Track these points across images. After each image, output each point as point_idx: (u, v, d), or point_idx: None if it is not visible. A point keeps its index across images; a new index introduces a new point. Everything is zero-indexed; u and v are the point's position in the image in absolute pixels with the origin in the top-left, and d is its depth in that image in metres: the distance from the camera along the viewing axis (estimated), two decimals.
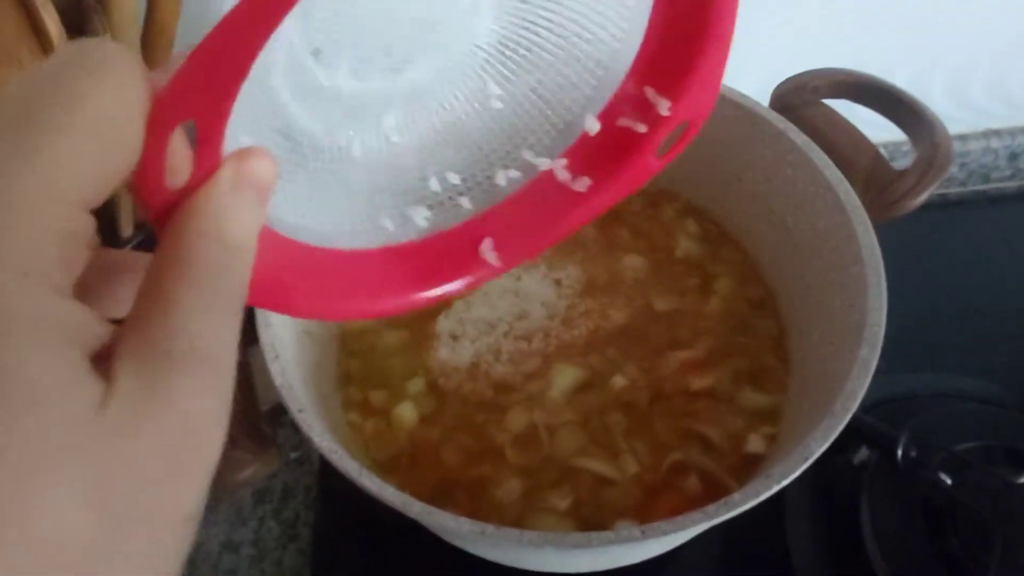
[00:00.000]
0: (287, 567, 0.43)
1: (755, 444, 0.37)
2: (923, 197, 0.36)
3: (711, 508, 0.26)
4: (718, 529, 0.41)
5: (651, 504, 0.36)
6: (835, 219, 0.36)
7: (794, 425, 0.35)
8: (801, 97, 0.41)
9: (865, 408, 0.44)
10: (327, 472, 0.45)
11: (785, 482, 0.27)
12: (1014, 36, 0.53)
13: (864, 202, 0.36)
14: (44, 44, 0.30)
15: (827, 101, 0.42)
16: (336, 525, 0.43)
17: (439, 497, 0.36)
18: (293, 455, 0.47)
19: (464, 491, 0.37)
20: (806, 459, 0.27)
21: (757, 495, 0.26)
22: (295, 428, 0.31)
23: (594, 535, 0.26)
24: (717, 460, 0.37)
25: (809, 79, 0.42)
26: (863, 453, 0.43)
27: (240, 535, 0.44)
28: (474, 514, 0.35)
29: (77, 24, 0.30)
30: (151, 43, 0.35)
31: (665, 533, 0.25)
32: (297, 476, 0.46)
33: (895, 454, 0.40)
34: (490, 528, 0.26)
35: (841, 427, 0.28)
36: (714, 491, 0.36)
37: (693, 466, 0.37)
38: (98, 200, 0.13)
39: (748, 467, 0.37)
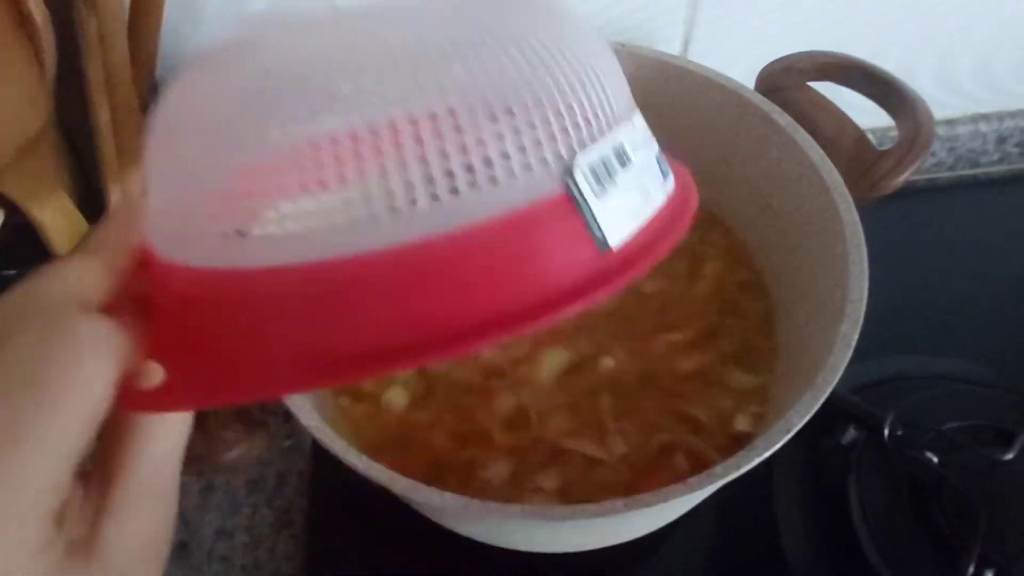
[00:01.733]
0: (280, 553, 0.44)
1: (743, 423, 0.37)
2: (905, 176, 0.36)
3: (693, 480, 0.26)
4: (711, 510, 0.42)
5: (639, 483, 0.36)
6: (819, 200, 0.36)
7: (781, 403, 0.36)
8: (786, 79, 0.41)
9: (854, 389, 0.45)
10: (320, 459, 0.45)
11: (766, 454, 0.27)
12: (1000, 20, 0.53)
13: (847, 182, 0.36)
14: (30, 30, 0.30)
15: (813, 84, 0.42)
16: (329, 512, 0.44)
17: (429, 480, 0.36)
18: (287, 443, 0.47)
19: (454, 474, 0.37)
20: (787, 432, 0.27)
21: (739, 467, 0.27)
22: (287, 416, 0.31)
23: (577, 508, 0.26)
24: (705, 439, 0.37)
25: (794, 61, 0.42)
26: (851, 434, 0.43)
27: (234, 522, 0.45)
28: (463, 495, 0.36)
29: (62, 10, 0.31)
30: (137, 27, 0.35)
31: (648, 505, 0.26)
32: (290, 463, 0.46)
33: (882, 434, 0.40)
34: (474, 503, 0.26)
35: (822, 400, 0.28)
36: (702, 469, 0.36)
37: (681, 446, 0.37)
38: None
39: (736, 446, 0.37)
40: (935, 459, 0.40)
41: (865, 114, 0.42)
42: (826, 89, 0.43)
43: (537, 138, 0.17)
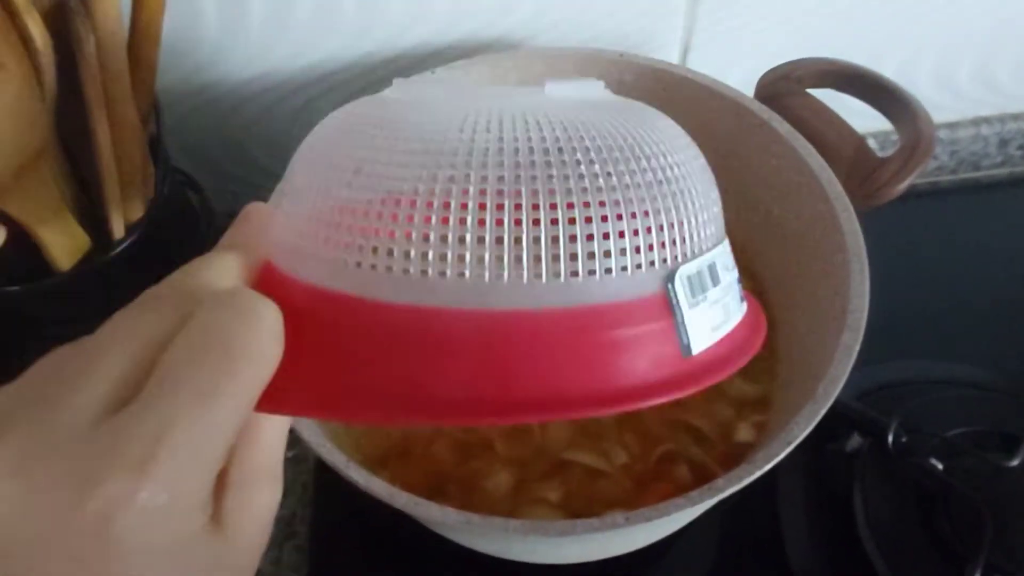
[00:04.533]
0: (285, 564, 0.44)
1: (744, 433, 0.37)
2: (906, 184, 0.36)
3: (694, 494, 0.26)
4: (715, 519, 0.41)
5: (641, 495, 0.36)
6: (819, 207, 0.36)
7: (782, 412, 0.36)
8: (785, 87, 0.41)
9: (857, 396, 0.44)
10: (324, 470, 0.45)
11: (768, 466, 0.27)
12: (999, 22, 0.53)
13: (848, 190, 0.36)
14: (29, 49, 0.30)
15: (812, 91, 0.42)
16: (333, 522, 0.44)
17: (432, 492, 0.36)
18: (289, 454, 0.47)
19: (456, 485, 0.37)
20: (789, 443, 0.27)
21: (740, 480, 0.27)
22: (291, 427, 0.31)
23: (579, 522, 0.26)
24: (707, 450, 0.37)
25: (793, 69, 0.42)
26: (855, 441, 0.43)
27: None
28: (466, 507, 0.35)
29: (61, 28, 0.31)
30: (137, 44, 0.35)
31: (649, 520, 0.26)
32: (294, 474, 0.46)
33: (886, 441, 0.40)
34: (476, 518, 0.26)
35: (823, 411, 0.28)
36: (704, 480, 0.36)
37: (683, 456, 0.37)
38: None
39: (738, 455, 0.37)
40: (940, 466, 0.40)
41: (867, 119, 0.42)
42: (826, 94, 0.42)
43: (651, 243, 0.19)
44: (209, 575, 0.18)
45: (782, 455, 0.27)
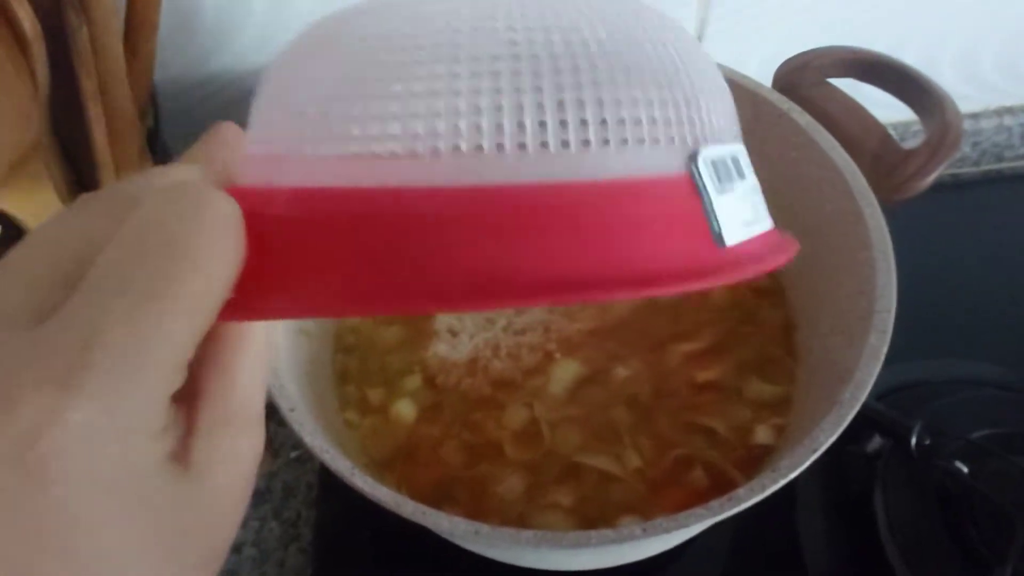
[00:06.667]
0: (289, 567, 0.43)
1: (763, 435, 0.36)
2: (933, 177, 0.35)
3: (715, 504, 0.25)
4: (729, 521, 0.40)
5: (656, 499, 0.35)
6: (842, 203, 0.35)
7: (803, 415, 0.34)
8: (805, 77, 0.40)
9: (878, 396, 0.43)
10: (328, 471, 0.44)
11: (792, 475, 0.26)
12: (1023, 10, 0.51)
13: (872, 184, 0.35)
14: (19, 40, 0.29)
15: (833, 81, 0.41)
16: (338, 524, 0.43)
17: (440, 495, 0.35)
18: (293, 454, 0.47)
19: (465, 488, 0.36)
20: (814, 451, 0.26)
21: (763, 489, 0.25)
22: None
23: (593, 534, 0.25)
24: (724, 453, 0.36)
25: (813, 58, 0.40)
26: (876, 442, 0.42)
27: (241, 536, 0.44)
28: (476, 512, 0.35)
29: (53, 19, 0.30)
30: (134, 34, 0.34)
31: (667, 531, 0.25)
32: (298, 475, 0.46)
33: (909, 443, 0.39)
34: (485, 528, 0.25)
35: (850, 417, 0.27)
36: (721, 484, 0.35)
37: (699, 459, 0.36)
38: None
39: (756, 459, 0.36)
40: (965, 469, 0.38)
41: (885, 109, 0.41)
42: (845, 83, 0.41)
43: (668, 117, 0.17)
44: (178, 523, 0.15)
45: (807, 463, 0.26)
